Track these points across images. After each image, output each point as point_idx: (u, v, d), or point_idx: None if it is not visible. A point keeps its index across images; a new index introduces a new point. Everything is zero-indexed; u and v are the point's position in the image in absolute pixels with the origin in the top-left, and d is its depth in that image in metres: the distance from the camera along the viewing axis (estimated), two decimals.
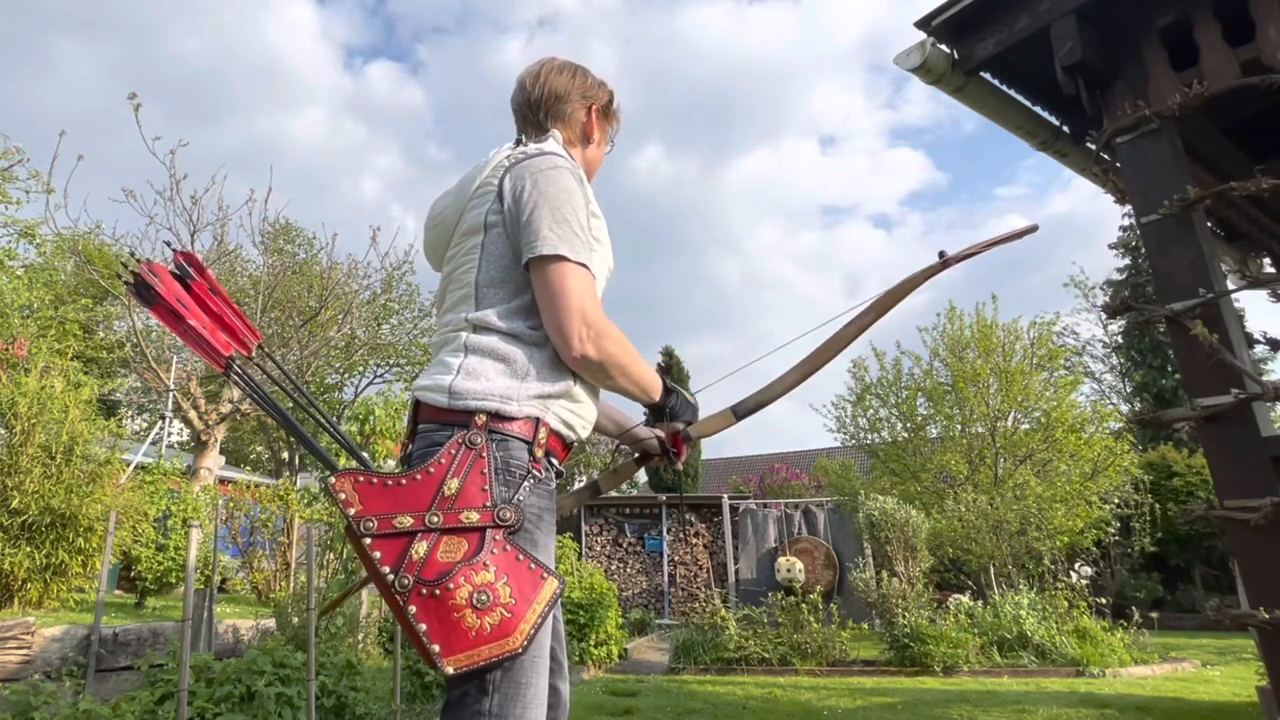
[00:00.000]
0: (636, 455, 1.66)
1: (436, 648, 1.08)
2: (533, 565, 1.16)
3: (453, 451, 1.19)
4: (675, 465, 1.60)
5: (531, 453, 1.24)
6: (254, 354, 1.35)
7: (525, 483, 1.22)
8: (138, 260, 1.27)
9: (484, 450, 1.20)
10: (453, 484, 1.17)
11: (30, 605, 4.65)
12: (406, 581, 1.10)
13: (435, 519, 1.14)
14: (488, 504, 1.17)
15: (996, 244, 1.69)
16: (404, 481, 1.17)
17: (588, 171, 1.61)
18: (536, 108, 1.54)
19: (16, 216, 9.25)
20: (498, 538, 1.15)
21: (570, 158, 1.44)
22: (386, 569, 1.11)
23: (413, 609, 1.10)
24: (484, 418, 1.22)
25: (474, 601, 1.09)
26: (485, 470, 1.19)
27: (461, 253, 1.39)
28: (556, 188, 1.31)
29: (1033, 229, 1.77)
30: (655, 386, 1.43)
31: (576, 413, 1.34)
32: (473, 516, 1.15)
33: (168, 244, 1.58)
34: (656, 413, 1.53)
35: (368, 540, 1.13)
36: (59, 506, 4.58)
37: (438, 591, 1.09)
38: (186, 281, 1.29)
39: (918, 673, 6.64)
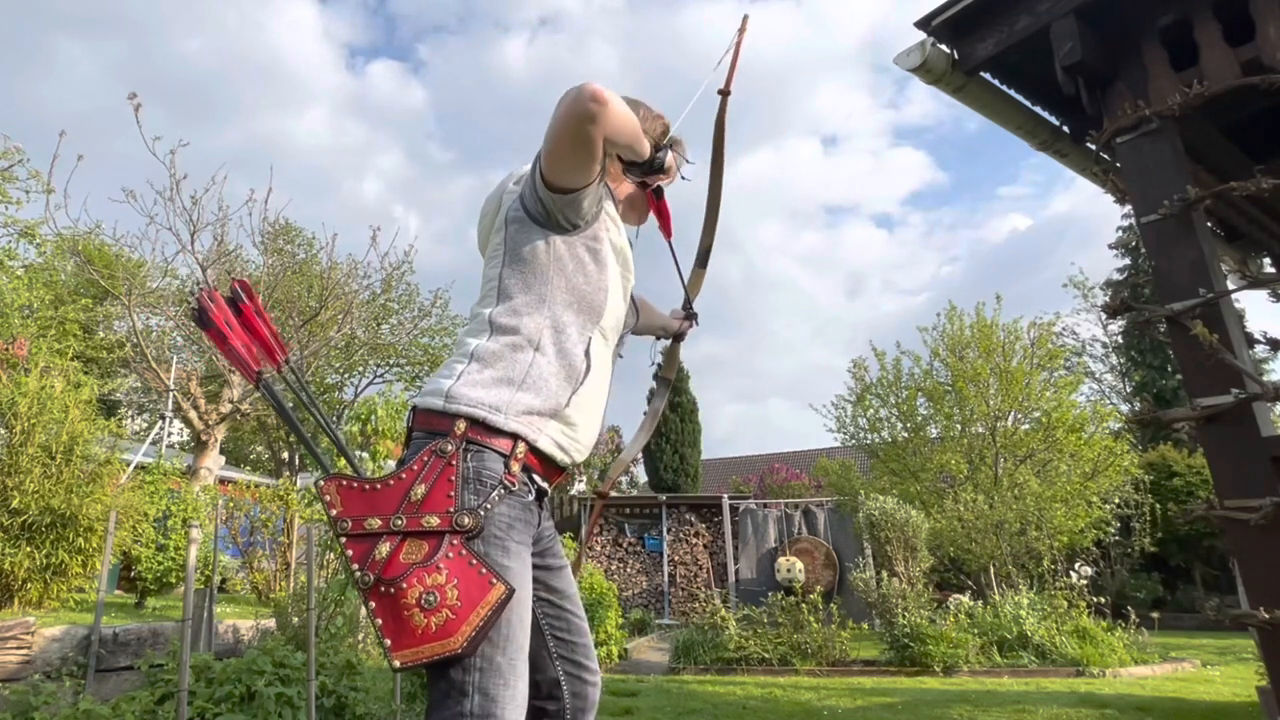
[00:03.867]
0: (673, 338, 2.01)
1: (388, 642, 1.16)
2: (484, 570, 1.19)
3: (424, 459, 1.25)
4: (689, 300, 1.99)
5: (507, 465, 1.27)
6: (281, 368, 1.46)
7: (495, 493, 1.25)
8: (199, 286, 1.38)
9: (454, 459, 1.25)
10: (419, 490, 1.22)
11: (30, 605, 4.64)
12: (369, 579, 1.17)
13: (399, 522, 1.20)
14: (450, 510, 1.22)
15: (736, 49, 1.93)
16: (379, 486, 1.24)
17: (630, 203, 1.68)
18: None
19: (16, 216, 9.21)
20: (454, 542, 1.20)
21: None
22: (355, 566, 1.19)
23: (371, 604, 1.18)
24: (463, 426, 1.26)
25: (422, 602, 1.15)
26: (453, 478, 1.24)
27: (490, 249, 1.49)
28: None
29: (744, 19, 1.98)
30: (645, 148, 1.48)
31: (572, 436, 1.37)
32: (433, 521, 1.21)
33: (229, 273, 1.71)
34: (646, 167, 1.60)
35: (343, 539, 1.21)
36: (59, 506, 4.58)
37: (393, 590, 1.16)
38: (237, 304, 1.41)
39: (918, 673, 6.64)
